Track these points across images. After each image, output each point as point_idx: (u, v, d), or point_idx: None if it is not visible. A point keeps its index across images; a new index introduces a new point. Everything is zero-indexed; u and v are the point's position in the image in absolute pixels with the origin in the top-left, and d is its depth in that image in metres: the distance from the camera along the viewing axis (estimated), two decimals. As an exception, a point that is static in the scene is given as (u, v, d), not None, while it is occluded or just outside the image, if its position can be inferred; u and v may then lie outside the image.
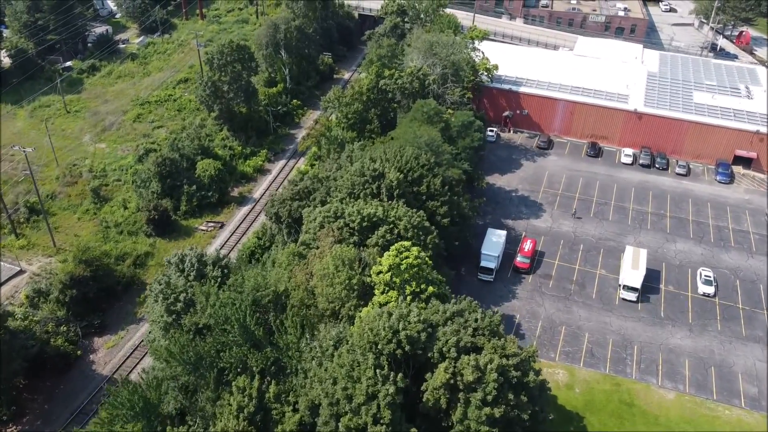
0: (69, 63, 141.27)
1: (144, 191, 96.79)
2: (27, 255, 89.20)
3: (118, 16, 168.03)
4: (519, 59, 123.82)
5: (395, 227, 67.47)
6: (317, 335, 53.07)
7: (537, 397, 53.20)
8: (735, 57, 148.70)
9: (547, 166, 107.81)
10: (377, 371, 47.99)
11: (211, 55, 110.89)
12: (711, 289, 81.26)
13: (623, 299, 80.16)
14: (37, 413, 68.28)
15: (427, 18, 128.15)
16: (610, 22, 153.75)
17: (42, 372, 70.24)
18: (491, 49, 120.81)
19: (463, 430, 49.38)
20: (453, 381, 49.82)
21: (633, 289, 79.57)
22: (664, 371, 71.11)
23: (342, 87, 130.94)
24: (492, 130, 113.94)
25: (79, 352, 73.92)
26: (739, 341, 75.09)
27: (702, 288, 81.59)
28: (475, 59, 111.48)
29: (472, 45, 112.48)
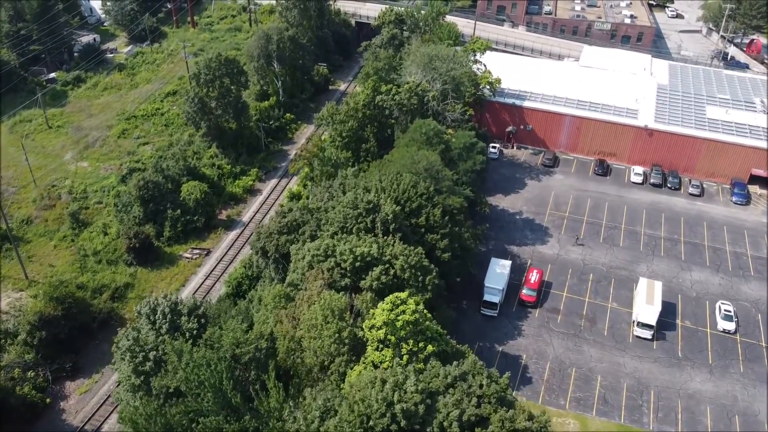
0: (53, 74, 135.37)
1: (125, 216, 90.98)
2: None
3: (106, 23, 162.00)
4: (522, 71, 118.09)
5: (391, 266, 61.74)
6: (302, 402, 47.22)
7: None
8: (746, 66, 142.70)
9: (553, 185, 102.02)
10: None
11: (198, 70, 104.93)
12: (731, 326, 75.50)
13: (637, 337, 74.42)
14: (0, 470, 62.74)
15: (426, 27, 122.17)
16: (616, 29, 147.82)
17: (6, 424, 64.09)
18: (493, 60, 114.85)
19: None
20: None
21: (648, 326, 73.88)
22: (684, 420, 65.34)
23: (338, 99, 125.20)
24: (494, 146, 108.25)
25: (48, 399, 67.87)
26: (764, 385, 69.28)
27: (722, 324, 75.86)
28: (477, 72, 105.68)
29: (473, 57, 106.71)
